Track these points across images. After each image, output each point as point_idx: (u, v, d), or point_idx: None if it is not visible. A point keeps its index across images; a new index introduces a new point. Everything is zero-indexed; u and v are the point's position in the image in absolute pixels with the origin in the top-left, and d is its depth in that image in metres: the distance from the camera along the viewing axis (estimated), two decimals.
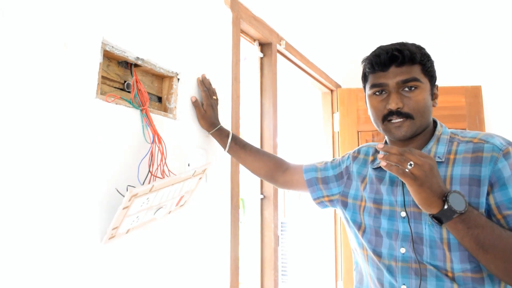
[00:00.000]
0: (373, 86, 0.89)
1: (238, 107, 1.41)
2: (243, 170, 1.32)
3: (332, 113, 2.53)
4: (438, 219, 0.74)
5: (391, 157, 0.72)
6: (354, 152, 1.06)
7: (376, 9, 2.31)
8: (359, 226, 0.94)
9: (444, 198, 0.72)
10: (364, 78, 0.95)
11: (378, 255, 0.88)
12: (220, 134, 1.17)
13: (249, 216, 1.76)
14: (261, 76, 1.77)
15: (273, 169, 1.14)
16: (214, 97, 1.20)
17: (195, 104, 1.16)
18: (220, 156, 1.30)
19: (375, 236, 0.89)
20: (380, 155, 0.75)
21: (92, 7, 0.87)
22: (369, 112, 0.93)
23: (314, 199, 1.09)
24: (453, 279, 0.79)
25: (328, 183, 1.05)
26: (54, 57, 0.78)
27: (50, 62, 0.77)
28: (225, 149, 1.16)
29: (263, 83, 1.76)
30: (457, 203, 0.71)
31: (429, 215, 0.76)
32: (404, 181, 0.72)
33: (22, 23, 0.73)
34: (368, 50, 0.97)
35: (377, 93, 0.89)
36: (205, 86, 1.18)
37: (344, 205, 1.00)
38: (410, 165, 0.70)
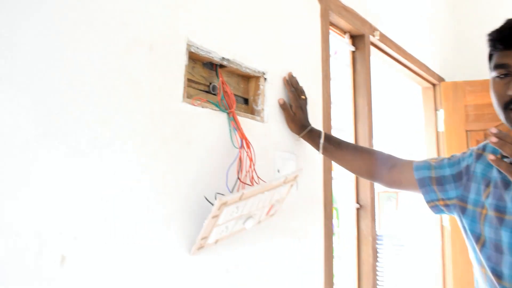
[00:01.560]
0: (496, 67, 0.82)
1: (329, 107, 1.37)
2: (336, 176, 1.26)
3: (435, 110, 2.39)
4: None
5: (505, 146, 0.62)
6: (478, 149, 0.94)
7: None
8: (478, 238, 0.85)
9: None
10: (489, 58, 0.86)
11: (498, 275, 0.79)
12: (312, 136, 1.14)
13: (343, 227, 1.71)
14: (353, 72, 1.72)
15: (376, 166, 1.06)
16: (303, 97, 1.18)
17: (283, 106, 1.14)
18: (312, 161, 1.27)
19: (496, 252, 0.81)
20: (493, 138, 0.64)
21: (176, 7, 0.88)
22: (491, 99, 0.85)
23: (428, 202, 0.98)
24: None
25: (444, 184, 0.95)
26: (140, 60, 0.80)
27: (136, 66, 0.79)
28: (318, 150, 1.12)
29: (356, 80, 1.70)
30: None
31: None
32: None
33: (109, 27, 0.75)
34: (479, 34, 0.85)
35: (501, 76, 0.82)
36: (292, 85, 1.16)
37: (462, 211, 0.91)
38: None
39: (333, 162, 1.22)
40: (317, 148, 1.12)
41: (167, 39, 0.85)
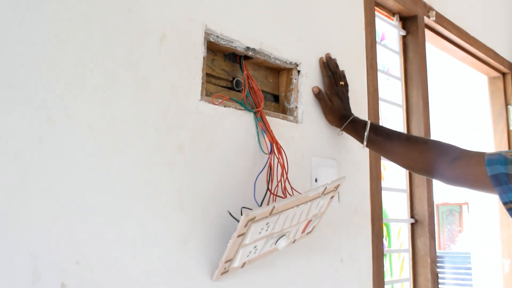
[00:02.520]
0: None
1: (377, 103, 1.36)
2: (387, 185, 1.25)
3: (506, 104, 2.34)
4: None
5: None
6: None
7: None
8: None
9: None
10: None
11: None
12: (355, 127, 1.13)
13: (395, 247, 1.71)
14: (404, 61, 1.71)
15: (435, 159, 1.02)
16: (342, 83, 1.18)
17: (319, 96, 1.14)
18: (356, 168, 1.26)
19: None
20: None
21: None
22: None
23: (505, 204, 0.93)
24: None
25: None
26: (150, 54, 0.80)
27: (145, 60, 0.79)
28: (362, 143, 1.11)
29: (408, 69, 1.69)
30: None
31: None
32: None
33: (114, 15, 0.76)
34: None
35: None
36: (330, 69, 1.16)
37: None
38: None
39: (383, 164, 1.22)
40: (361, 140, 1.12)
41: (181, 28, 0.85)
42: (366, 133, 1.10)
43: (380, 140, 1.10)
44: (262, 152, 0.96)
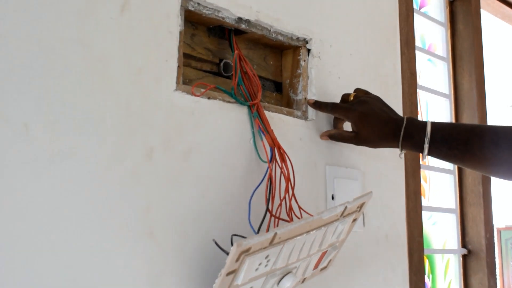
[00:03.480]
0: None
1: (415, 92, 1.37)
2: (427, 204, 1.24)
3: None
4: None
5: None
6: None
7: None
8: None
9: None
10: None
11: None
12: (412, 138, 1.06)
13: (441, 286, 1.70)
14: (451, 35, 1.72)
15: None
16: (351, 98, 1.12)
17: (336, 134, 1.12)
18: (387, 180, 1.27)
19: None
20: None
21: None
22: None
23: None
24: None
25: None
26: (108, 28, 0.80)
27: (101, 36, 0.80)
28: (423, 154, 1.07)
29: (458, 47, 1.71)
30: None
31: None
32: None
33: None
34: None
35: None
36: (323, 107, 1.11)
37: None
38: None
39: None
40: (420, 150, 1.07)
41: None
42: (426, 144, 1.05)
43: (450, 150, 1.06)
44: (260, 159, 0.97)
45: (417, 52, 1.41)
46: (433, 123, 1.06)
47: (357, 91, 1.13)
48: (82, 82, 0.76)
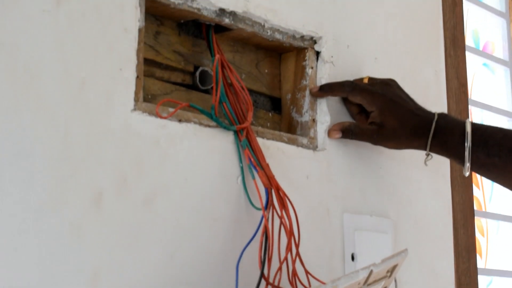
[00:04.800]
0: None
1: (466, 108, 1.39)
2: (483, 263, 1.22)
3: None
4: None
5: None
6: None
7: None
8: None
9: None
10: None
11: None
12: (443, 137, 1.11)
13: None
14: None
15: None
16: (365, 80, 1.18)
17: (351, 128, 1.14)
18: (427, 230, 1.28)
19: None
20: None
21: None
22: None
23: None
24: None
25: None
26: (38, 23, 0.80)
27: (28, 34, 0.80)
28: (464, 163, 1.10)
29: None
30: None
31: None
32: None
33: None
34: None
35: None
36: (334, 89, 1.15)
37: None
38: None
39: None
40: (453, 153, 1.11)
41: None
42: (467, 153, 1.09)
43: (498, 158, 1.09)
44: (251, 206, 0.97)
45: (468, 54, 1.40)
46: (473, 123, 1.10)
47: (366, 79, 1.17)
48: (2, 101, 0.77)
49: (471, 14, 1.58)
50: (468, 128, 1.09)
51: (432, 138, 1.11)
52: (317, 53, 1.12)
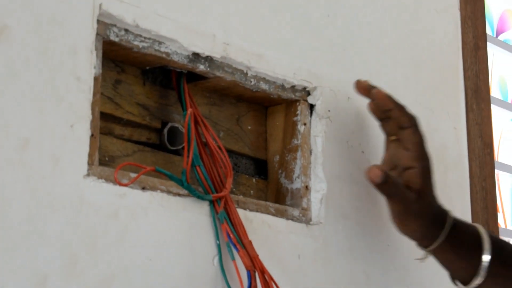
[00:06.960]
0: None
1: (492, 176, 1.40)
2: None
3: None
4: None
5: None
6: None
7: None
8: None
9: None
10: None
11: None
12: (459, 242, 1.13)
13: None
14: None
15: None
16: (392, 138, 1.17)
17: (387, 188, 1.11)
18: None
19: None
20: None
21: None
22: None
23: None
24: None
25: None
26: None
27: None
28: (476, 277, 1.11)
29: None
30: None
31: None
32: None
33: None
34: None
35: None
36: (381, 107, 1.16)
37: None
38: None
39: None
40: (473, 274, 1.11)
41: (42, 11, 0.86)
42: (484, 265, 1.11)
43: None
44: None
45: (494, 107, 1.42)
46: (488, 232, 1.14)
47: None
48: None
49: (496, 59, 1.60)
50: (486, 236, 1.13)
51: (445, 239, 1.12)
52: (311, 107, 1.14)
